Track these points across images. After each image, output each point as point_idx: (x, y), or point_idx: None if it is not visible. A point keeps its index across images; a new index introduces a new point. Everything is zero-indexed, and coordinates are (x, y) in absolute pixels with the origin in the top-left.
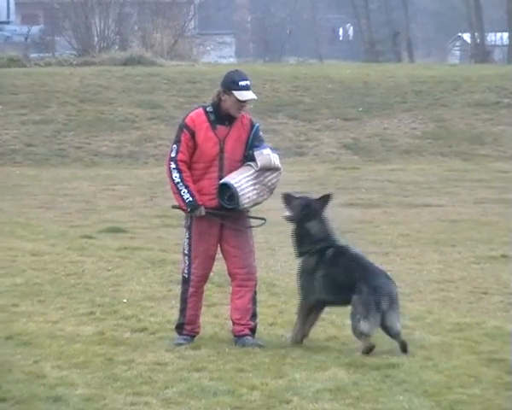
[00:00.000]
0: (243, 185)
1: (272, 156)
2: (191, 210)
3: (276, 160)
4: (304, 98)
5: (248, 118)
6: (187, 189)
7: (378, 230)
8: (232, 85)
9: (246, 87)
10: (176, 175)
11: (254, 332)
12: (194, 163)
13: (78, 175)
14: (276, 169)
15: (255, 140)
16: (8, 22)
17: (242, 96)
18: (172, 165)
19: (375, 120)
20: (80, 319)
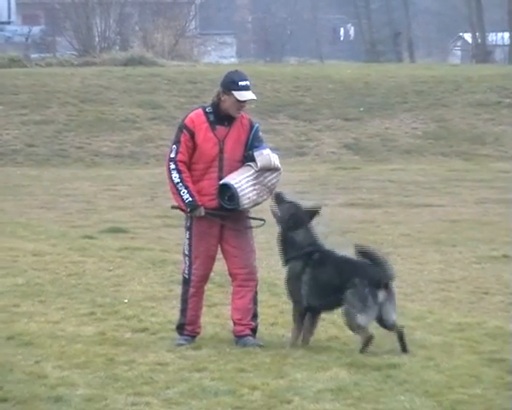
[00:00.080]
0: (243, 186)
1: (272, 157)
2: (191, 210)
3: (276, 160)
4: (305, 98)
5: (248, 118)
6: (186, 189)
7: (379, 230)
8: (232, 86)
9: (245, 87)
10: (175, 176)
11: (255, 332)
12: (193, 164)
13: (79, 175)
14: (276, 169)
15: (255, 140)
16: (8, 22)
17: (242, 96)
18: (172, 165)
19: (376, 120)
20: (81, 320)
